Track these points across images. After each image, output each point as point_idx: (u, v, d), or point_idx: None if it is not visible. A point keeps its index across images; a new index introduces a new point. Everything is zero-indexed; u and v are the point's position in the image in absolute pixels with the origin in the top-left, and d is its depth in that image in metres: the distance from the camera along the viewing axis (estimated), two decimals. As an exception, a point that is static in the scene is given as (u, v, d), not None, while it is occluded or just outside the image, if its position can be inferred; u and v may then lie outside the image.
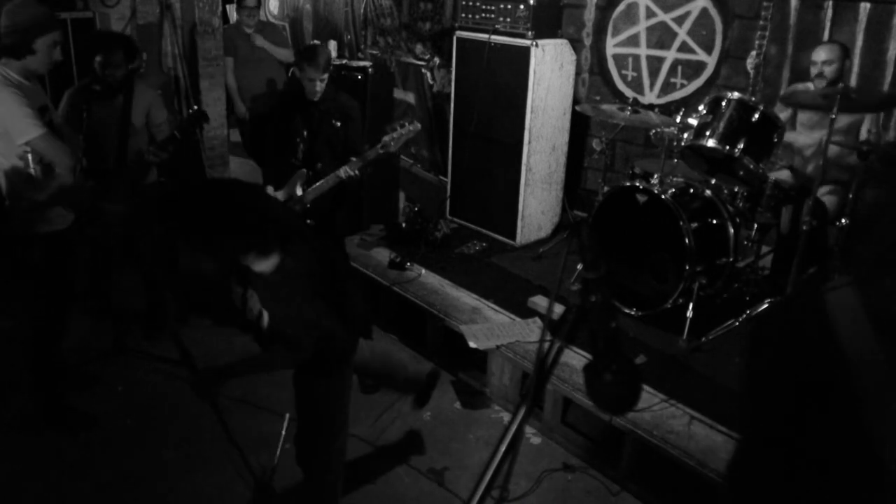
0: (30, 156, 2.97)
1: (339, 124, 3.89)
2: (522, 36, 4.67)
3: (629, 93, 4.96)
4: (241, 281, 2.51)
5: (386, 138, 3.72)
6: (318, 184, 3.74)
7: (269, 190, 3.72)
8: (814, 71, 3.81)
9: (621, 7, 5.04)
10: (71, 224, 3.21)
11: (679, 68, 4.83)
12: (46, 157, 2.99)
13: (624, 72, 5.12)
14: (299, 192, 3.71)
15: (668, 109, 4.68)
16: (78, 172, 3.35)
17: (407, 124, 3.78)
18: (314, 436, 2.60)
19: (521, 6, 4.64)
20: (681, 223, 3.59)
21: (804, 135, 4.07)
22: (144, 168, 3.78)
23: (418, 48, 6.36)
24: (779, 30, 4.33)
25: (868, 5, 4.02)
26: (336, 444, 2.62)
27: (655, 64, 4.94)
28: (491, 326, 3.80)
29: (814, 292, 1.15)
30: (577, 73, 5.08)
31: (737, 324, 3.60)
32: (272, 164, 4.05)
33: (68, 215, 3.19)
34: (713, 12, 4.59)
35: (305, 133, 3.87)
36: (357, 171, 3.70)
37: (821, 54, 3.80)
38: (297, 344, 2.29)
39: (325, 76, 3.78)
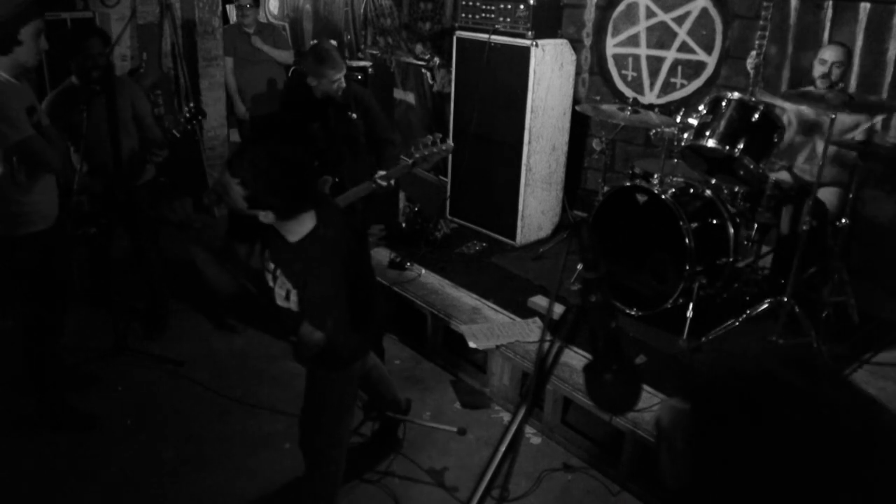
0: (15, 158, 2.92)
1: (355, 116, 3.66)
2: (522, 36, 4.67)
3: (629, 93, 4.96)
4: (271, 254, 2.44)
5: (417, 156, 3.41)
6: (346, 195, 3.41)
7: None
8: (821, 70, 3.79)
9: (621, 7, 5.03)
10: (54, 223, 3.15)
11: (679, 68, 4.83)
12: (33, 159, 2.95)
13: (624, 72, 5.12)
14: None
15: (668, 109, 4.68)
16: (82, 174, 3.34)
17: (439, 142, 3.46)
18: (319, 424, 2.63)
19: (521, 6, 4.64)
20: (681, 223, 3.59)
21: (800, 140, 4.07)
22: (142, 165, 3.80)
23: (418, 48, 6.36)
24: (779, 30, 4.33)
25: (868, 5, 4.02)
26: (339, 434, 2.65)
27: (655, 64, 4.94)
28: (491, 326, 3.79)
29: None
30: (577, 73, 5.08)
31: (737, 324, 3.60)
32: None
33: (51, 215, 3.14)
34: (713, 12, 4.59)
35: (323, 135, 3.67)
36: (391, 183, 3.44)
37: (830, 54, 3.78)
38: (321, 323, 2.26)
39: (345, 71, 3.61)
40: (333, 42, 5.30)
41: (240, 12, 5.86)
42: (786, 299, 3.51)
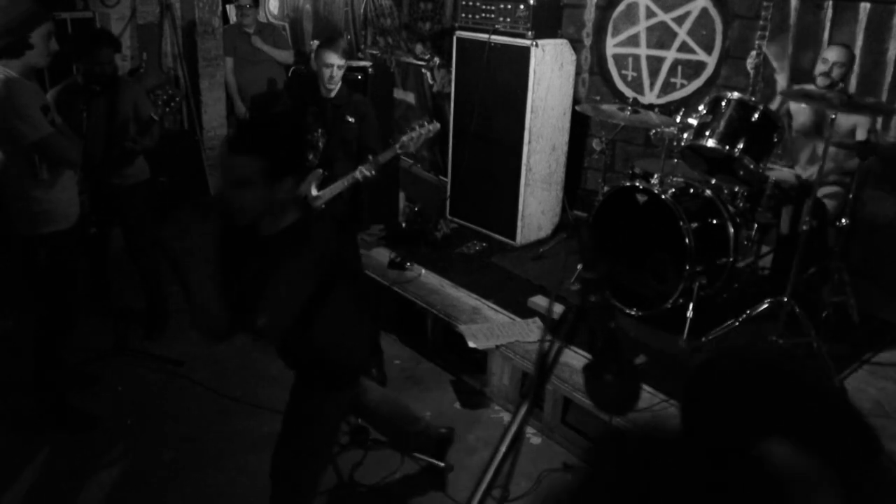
0: (37, 156, 2.97)
1: (353, 121, 3.73)
2: (522, 36, 4.67)
3: (629, 93, 4.96)
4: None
5: (404, 138, 3.56)
6: (333, 185, 3.58)
7: None
8: (822, 68, 3.79)
9: (621, 7, 5.03)
10: (75, 224, 3.21)
11: (679, 68, 4.83)
12: (54, 156, 2.99)
13: (624, 72, 5.12)
14: (314, 192, 3.58)
15: (668, 109, 4.67)
16: (78, 173, 3.35)
17: (426, 123, 3.61)
18: (293, 452, 2.43)
19: (521, 6, 4.64)
20: (681, 223, 3.59)
21: (799, 141, 4.07)
22: (126, 157, 3.71)
23: (418, 48, 6.36)
24: (779, 30, 4.33)
25: (868, 5, 4.02)
26: (313, 468, 2.47)
27: (655, 64, 4.94)
28: (491, 326, 3.79)
29: None
30: (577, 73, 5.08)
31: (737, 324, 3.60)
32: None
33: (72, 215, 3.19)
34: (713, 12, 4.59)
35: (319, 131, 3.73)
36: (373, 172, 3.54)
37: (833, 54, 3.78)
38: (271, 327, 2.08)
39: (344, 64, 3.66)
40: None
41: (239, 12, 5.86)
42: (786, 299, 3.51)
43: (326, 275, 2.11)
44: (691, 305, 3.66)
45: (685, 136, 3.84)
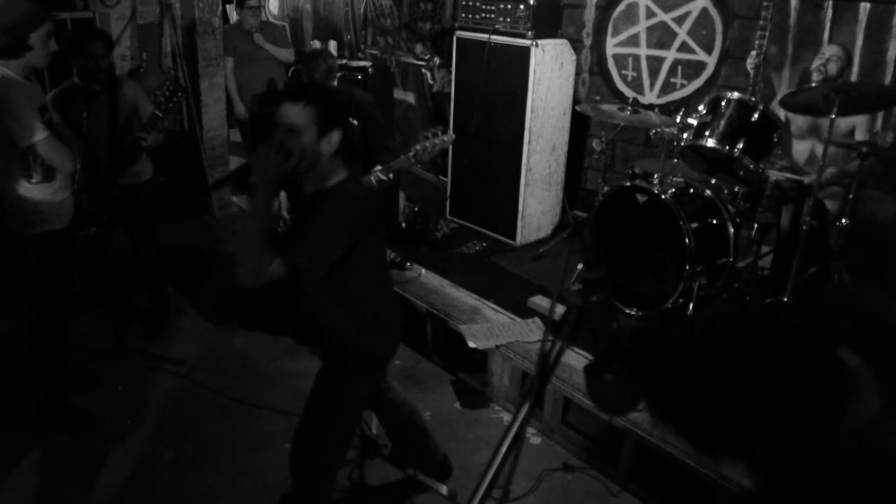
0: (31, 158, 2.97)
1: (355, 123, 3.63)
2: (522, 36, 4.67)
3: (629, 93, 4.96)
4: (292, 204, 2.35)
5: (418, 147, 3.44)
6: None
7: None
8: (817, 62, 3.81)
9: (621, 7, 5.04)
10: (68, 224, 3.20)
11: (679, 68, 4.83)
12: (48, 159, 2.98)
13: (624, 72, 5.12)
14: None
15: (668, 109, 4.67)
16: (77, 173, 3.35)
17: (440, 133, 3.51)
18: (311, 436, 2.47)
19: (521, 6, 4.64)
20: (681, 223, 3.59)
21: (796, 144, 4.08)
22: (135, 153, 3.71)
23: (418, 48, 6.36)
24: (779, 30, 4.33)
25: (868, 5, 4.02)
26: (329, 453, 2.50)
27: (655, 64, 4.94)
28: (491, 326, 3.79)
29: None
30: (577, 73, 5.08)
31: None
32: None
33: (66, 215, 3.18)
34: (713, 12, 4.59)
35: None
36: (389, 177, 3.47)
37: (829, 50, 3.82)
38: (307, 266, 2.15)
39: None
40: (333, 42, 5.23)
41: (249, 12, 5.85)
42: (786, 299, 3.51)
43: (362, 236, 2.22)
44: (691, 305, 3.66)
45: (685, 136, 3.84)
